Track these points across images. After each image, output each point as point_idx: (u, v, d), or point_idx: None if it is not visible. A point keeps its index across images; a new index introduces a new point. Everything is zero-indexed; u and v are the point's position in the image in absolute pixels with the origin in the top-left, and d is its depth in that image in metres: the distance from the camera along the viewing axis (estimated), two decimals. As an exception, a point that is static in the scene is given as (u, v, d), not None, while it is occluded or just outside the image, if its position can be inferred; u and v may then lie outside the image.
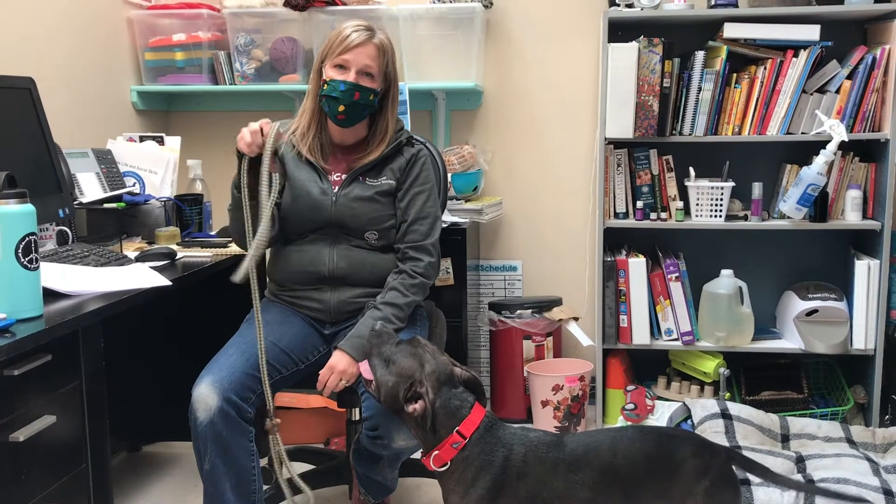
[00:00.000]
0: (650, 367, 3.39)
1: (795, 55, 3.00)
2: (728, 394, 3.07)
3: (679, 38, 3.11)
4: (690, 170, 3.13)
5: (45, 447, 1.63)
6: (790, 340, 3.16)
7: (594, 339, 3.24)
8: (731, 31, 3.02)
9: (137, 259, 2.25)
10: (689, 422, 2.74)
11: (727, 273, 3.15)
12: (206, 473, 2.00)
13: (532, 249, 3.53)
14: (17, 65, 2.62)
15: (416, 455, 1.98)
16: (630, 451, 1.76)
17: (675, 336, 3.20)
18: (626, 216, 3.23)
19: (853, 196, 3.07)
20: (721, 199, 3.11)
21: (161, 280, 2.03)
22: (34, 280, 1.65)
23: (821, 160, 2.95)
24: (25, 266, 1.62)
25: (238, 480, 2.00)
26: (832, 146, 2.94)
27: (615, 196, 3.21)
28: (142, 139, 3.02)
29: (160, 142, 3.02)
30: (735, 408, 2.72)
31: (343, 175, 2.27)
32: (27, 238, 1.62)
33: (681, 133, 3.13)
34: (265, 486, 2.14)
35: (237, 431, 1.98)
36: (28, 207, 1.64)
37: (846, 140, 2.93)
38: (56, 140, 2.39)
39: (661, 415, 2.89)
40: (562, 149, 3.46)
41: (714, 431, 2.61)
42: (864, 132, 3.01)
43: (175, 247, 2.47)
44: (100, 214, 2.52)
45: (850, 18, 3.13)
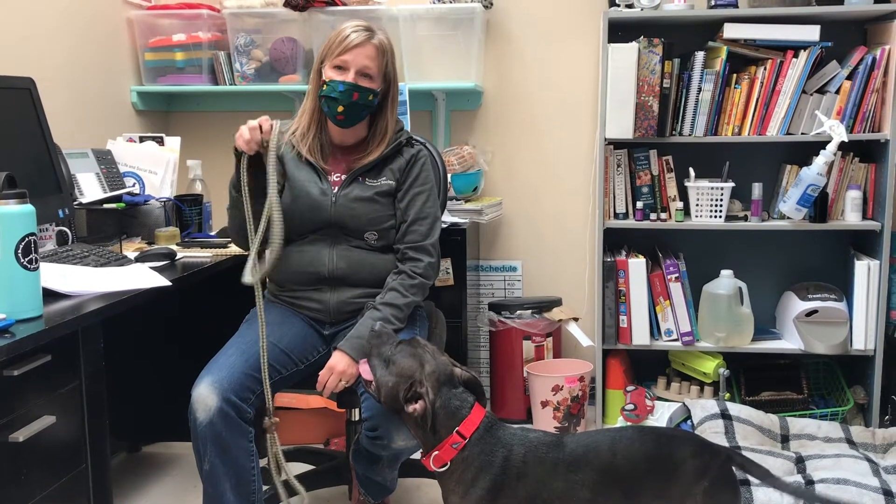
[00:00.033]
0: (650, 368, 3.39)
1: (795, 56, 3.00)
2: (728, 394, 3.07)
3: (679, 39, 3.11)
4: (690, 170, 3.13)
5: (45, 447, 1.63)
6: (790, 341, 3.16)
7: (594, 340, 3.24)
8: (731, 32, 3.02)
9: (137, 259, 2.25)
10: (689, 422, 2.74)
11: (727, 273, 3.15)
12: (206, 474, 2.00)
13: (532, 250, 3.53)
14: (17, 65, 2.62)
15: (416, 455, 1.98)
16: (630, 452, 1.76)
17: (675, 336, 3.20)
18: (626, 216, 3.23)
19: (853, 196, 3.07)
20: (721, 200, 3.11)
21: (161, 280, 2.03)
22: (34, 280, 1.65)
23: (821, 161, 2.95)
24: (25, 266, 1.62)
25: (238, 481, 2.01)
26: (832, 146, 2.94)
27: (615, 196, 3.21)
28: (142, 139, 3.02)
29: (160, 142, 3.02)
30: (735, 408, 2.71)
31: (343, 175, 2.27)
32: (27, 238, 1.62)
33: (681, 133, 3.13)
34: (265, 487, 2.14)
35: (237, 432, 1.98)
36: (28, 208, 1.64)
37: (846, 140, 2.93)
38: (56, 140, 2.39)
39: (661, 415, 2.89)
40: (562, 149, 3.46)
41: (714, 432, 2.61)
42: (864, 133, 3.01)
43: (175, 247, 2.47)
44: (99, 215, 2.52)
45: (850, 19, 3.13)
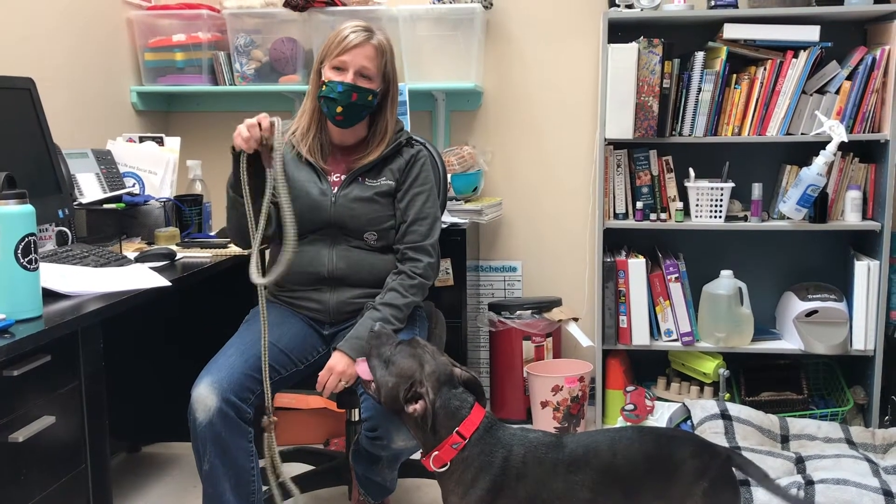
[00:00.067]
0: (650, 368, 3.39)
1: (795, 56, 3.00)
2: (728, 394, 3.07)
3: (679, 39, 3.11)
4: (690, 170, 3.13)
5: (45, 448, 1.63)
6: (790, 341, 3.16)
7: (594, 340, 3.24)
8: (731, 32, 3.02)
9: (137, 259, 2.25)
10: (689, 422, 2.74)
11: (727, 274, 3.15)
12: (206, 474, 2.00)
13: (532, 250, 3.53)
14: (17, 65, 2.62)
15: (416, 456, 1.98)
16: (629, 452, 1.76)
17: (675, 337, 3.20)
18: (626, 217, 3.23)
19: (853, 197, 3.07)
20: (721, 200, 3.11)
21: (160, 280, 2.03)
22: (33, 280, 1.65)
23: (820, 161, 2.95)
24: (25, 266, 1.62)
25: (237, 481, 2.01)
26: (832, 147, 2.94)
27: (615, 197, 3.21)
28: (141, 140, 3.02)
29: (160, 142, 3.02)
30: (735, 408, 2.71)
31: (342, 176, 2.27)
32: (27, 238, 1.62)
33: (680, 134, 3.13)
34: (264, 487, 2.14)
35: (236, 432, 1.98)
36: (27, 208, 1.64)
37: (846, 141, 2.93)
38: (56, 140, 2.39)
39: (661, 415, 2.89)
40: (561, 149, 3.46)
41: (713, 432, 2.60)
42: (864, 133, 3.01)
43: (174, 247, 2.47)
44: (99, 215, 2.52)
45: (850, 19, 3.13)
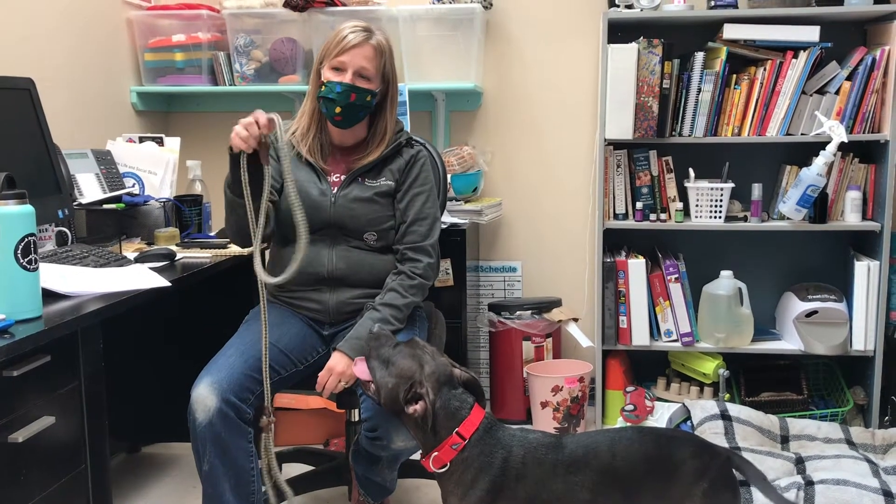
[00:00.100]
0: (650, 369, 3.39)
1: (795, 56, 3.00)
2: (727, 395, 3.07)
3: (679, 39, 3.11)
4: (690, 171, 3.13)
5: (44, 448, 1.63)
6: (790, 341, 3.16)
7: (594, 341, 3.24)
8: (731, 33, 3.02)
9: (137, 260, 2.25)
10: (689, 423, 2.74)
11: (727, 274, 3.15)
12: (205, 474, 2.00)
13: (531, 250, 3.53)
14: (17, 65, 2.62)
15: (416, 456, 1.98)
16: (629, 453, 1.76)
17: (675, 337, 3.20)
18: (626, 217, 3.23)
19: (853, 197, 3.07)
20: (721, 200, 3.11)
21: (160, 281, 2.02)
22: (33, 281, 1.65)
23: (820, 161, 2.95)
24: (24, 267, 1.62)
25: (237, 481, 2.00)
26: (832, 147, 2.94)
27: (615, 197, 3.21)
28: (141, 140, 3.02)
29: (160, 142, 3.02)
30: (734, 409, 2.71)
31: (342, 176, 2.27)
32: (26, 239, 1.62)
33: (680, 134, 3.13)
34: (263, 488, 2.13)
35: (236, 432, 1.98)
36: (27, 208, 1.64)
37: (846, 141, 2.93)
38: (55, 141, 2.39)
39: (661, 416, 2.89)
40: (561, 150, 3.46)
41: (713, 433, 2.60)
42: (864, 133, 3.01)
43: (174, 248, 2.47)
44: (99, 215, 2.52)
45: (850, 19, 3.13)
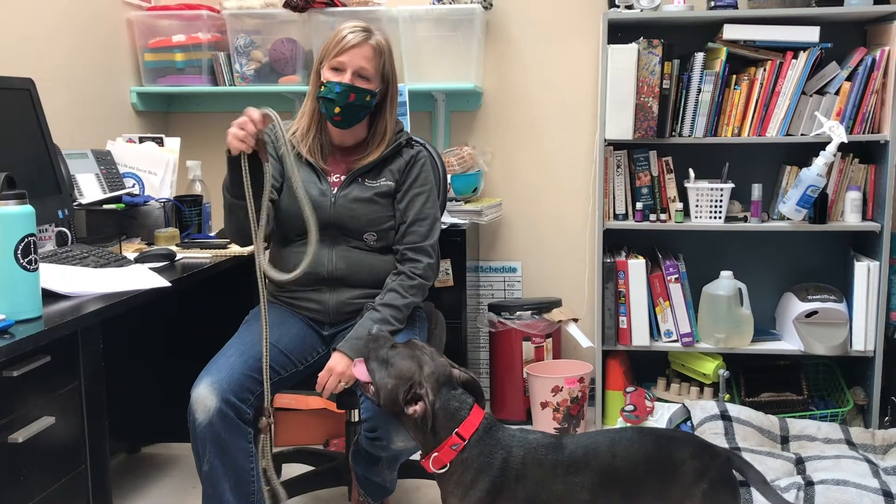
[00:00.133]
0: (650, 369, 3.39)
1: (795, 56, 3.00)
2: (727, 395, 3.07)
3: (678, 40, 3.11)
4: (690, 171, 3.13)
5: (44, 448, 1.63)
6: (790, 342, 3.16)
7: (593, 341, 3.24)
8: (731, 33, 3.02)
9: (137, 260, 2.25)
10: (689, 423, 2.74)
11: (727, 274, 3.15)
12: (205, 474, 1.99)
13: (532, 251, 3.53)
14: (17, 65, 2.62)
15: (416, 456, 1.98)
16: (629, 453, 1.76)
17: (675, 337, 3.20)
18: (626, 217, 3.22)
19: (853, 197, 3.07)
20: (720, 201, 3.11)
21: (160, 281, 2.02)
22: (33, 281, 1.65)
23: (820, 161, 2.95)
24: (24, 267, 1.62)
25: (237, 481, 2.00)
26: (832, 148, 2.94)
27: (615, 197, 3.21)
28: (141, 140, 3.02)
29: (160, 143, 3.02)
30: (734, 409, 2.71)
31: (342, 176, 2.27)
32: (26, 239, 1.62)
33: (680, 134, 3.13)
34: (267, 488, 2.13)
35: (236, 433, 1.98)
36: (27, 208, 1.64)
37: (846, 141, 2.93)
38: (55, 141, 2.39)
39: (661, 416, 2.89)
40: (561, 150, 3.46)
41: (713, 433, 2.60)
42: (864, 134, 3.01)
43: (174, 248, 2.47)
44: (99, 215, 2.52)
45: (850, 20, 3.12)
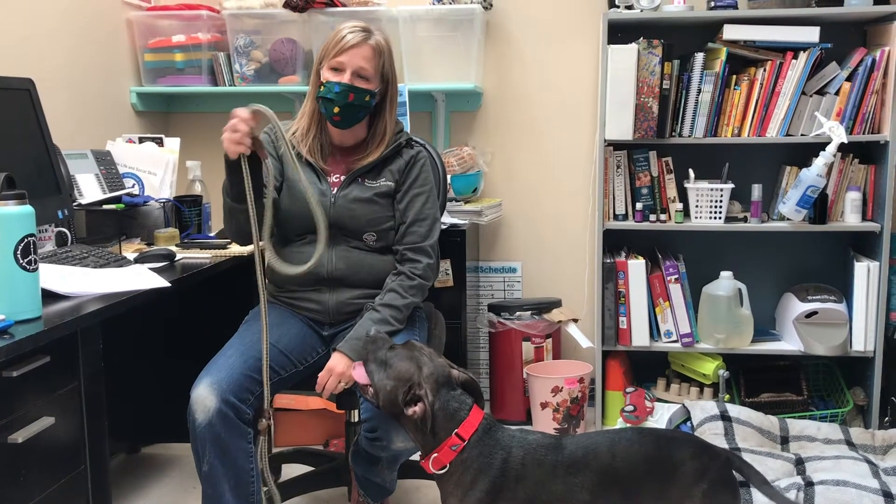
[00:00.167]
0: (649, 369, 3.39)
1: (795, 57, 3.00)
2: (727, 396, 3.07)
3: (678, 40, 3.11)
4: (690, 171, 3.13)
5: (44, 449, 1.63)
6: (789, 342, 3.16)
7: (593, 341, 3.24)
8: (731, 33, 3.02)
9: (136, 260, 2.25)
10: (689, 424, 2.74)
11: (726, 275, 3.15)
12: (205, 475, 1.99)
13: (531, 251, 3.53)
14: (17, 65, 2.62)
15: (415, 457, 1.98)
16: (629, 454, 1.76)
17: (675, 338, 3.20)
18: (626, 218, 3.22)
19: (853, 198, 3.07)
20: (720, 201, 3.11)
21: (160, 281, 2.02)
22: (33, 281, 1.65)
23: (820, 162, 2.95)
24: (24, 267, 1.62)
25: (237, 482, 2.00)
26: (832, 148, 2.94)
27: (615, 198, 3.21)
28: (141, 140, 3.02)
29: (159, 143, 3.02)
30: (734, 410, 2.71)
31: (342, 176, 2.27)
32: (26, 239, 1.62)
33: (680, 135, 3.13)
34: (265, 488, 2.13)
35: (235, 433, 1.98)
36: (27, 209, 1.64)
37: (846, 142, 2.93)
38: (55, 141, 2.39)
39: (661, 417, 2.89)
40: (561, 150, 3.46)
41: (713, 433, 2.60)
42: (864, 134, 3.01)
43: (174, 248, 2.47)
44: (99, 216, 2.52)
45: (850, 20, 3.12)
